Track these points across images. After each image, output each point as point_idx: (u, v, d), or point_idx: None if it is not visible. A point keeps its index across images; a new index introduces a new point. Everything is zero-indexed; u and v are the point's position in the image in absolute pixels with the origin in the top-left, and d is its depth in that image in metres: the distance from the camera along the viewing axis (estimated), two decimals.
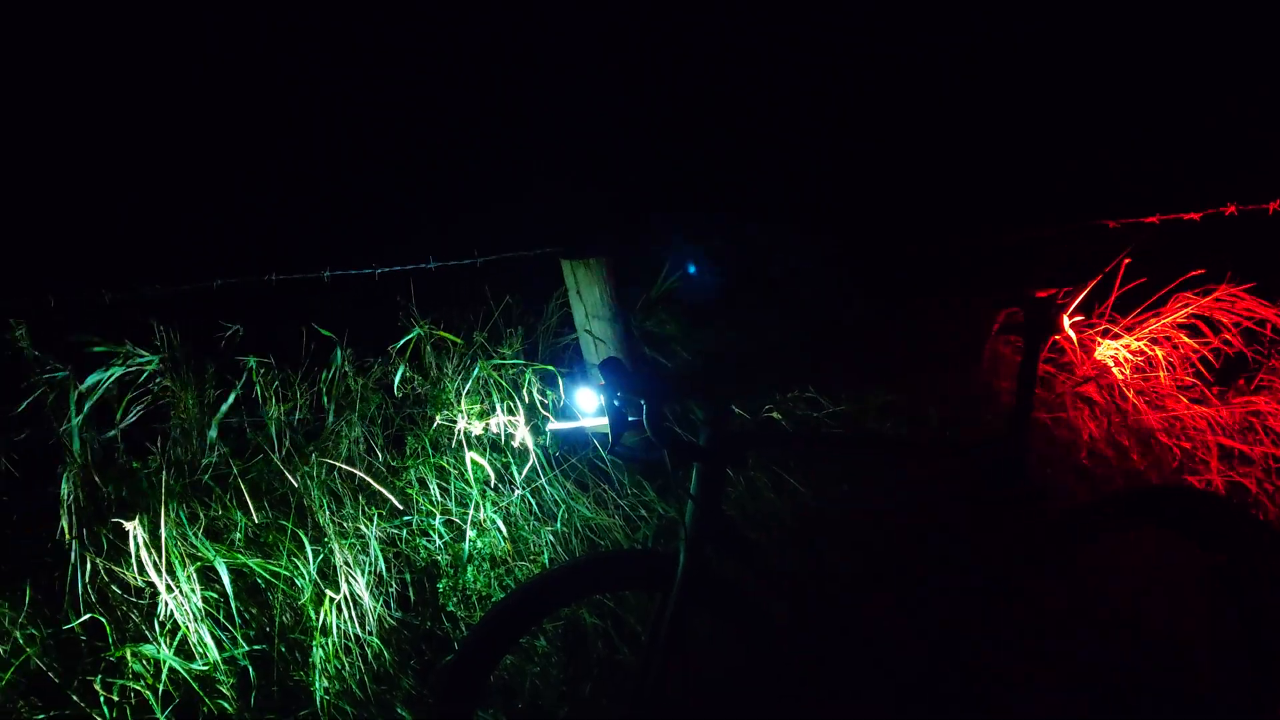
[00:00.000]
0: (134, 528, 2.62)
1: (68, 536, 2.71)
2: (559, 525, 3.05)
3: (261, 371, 3.02)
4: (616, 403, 2.28)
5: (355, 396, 3.08)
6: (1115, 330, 3.61)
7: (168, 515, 2.70)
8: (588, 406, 2.85)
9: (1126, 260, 3.46)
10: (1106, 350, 3.55)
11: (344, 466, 2.95)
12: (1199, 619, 2.82)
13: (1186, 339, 3.55)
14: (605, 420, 2.44)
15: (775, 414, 3.22)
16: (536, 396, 3.09)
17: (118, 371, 2.86)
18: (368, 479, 2.94)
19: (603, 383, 2.32)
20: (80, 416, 2.80)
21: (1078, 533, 2.62)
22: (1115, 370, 3.53)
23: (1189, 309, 3.53)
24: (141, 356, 2.90)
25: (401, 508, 2.97)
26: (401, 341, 3.10)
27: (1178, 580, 2.95)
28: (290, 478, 2.90)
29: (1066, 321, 3.38)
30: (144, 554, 2.63)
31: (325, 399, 3.08)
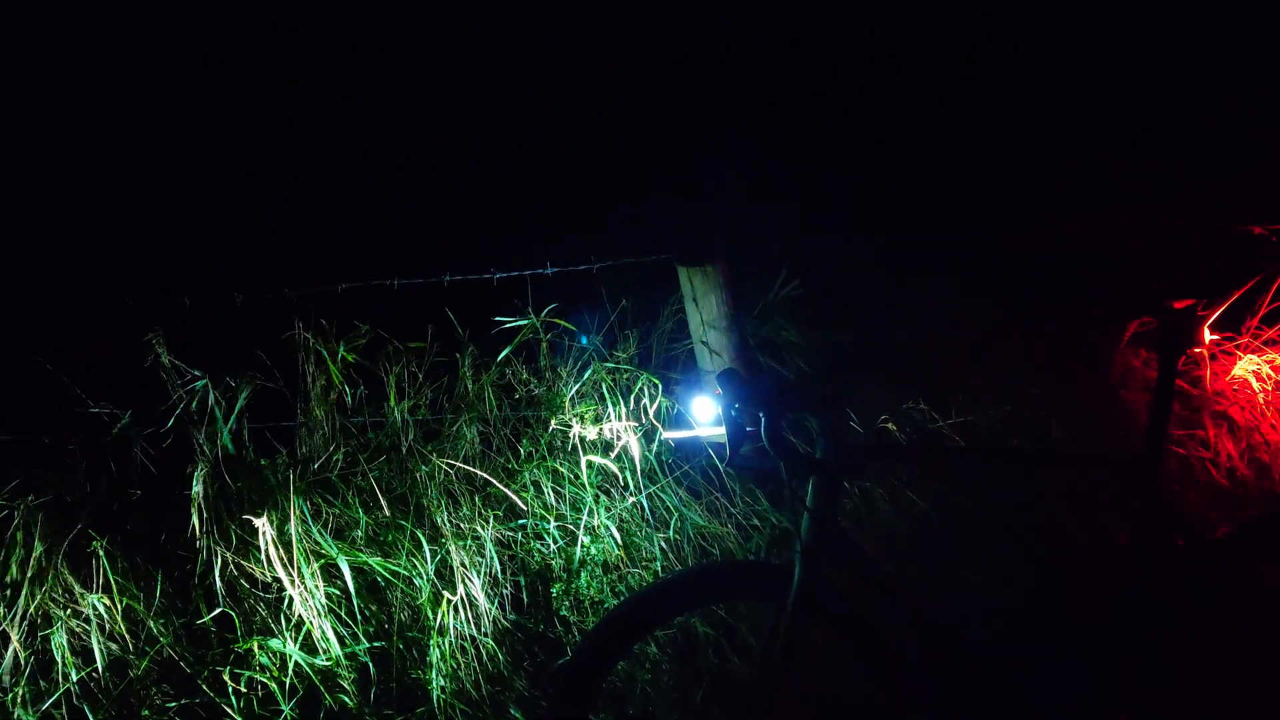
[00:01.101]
0: (262, 524, 2.70)
1: (198, 532, 2.82)
2: (671, 533, 3.04)
3: (387, 368, 3.09)
4: (734, 414, 2.27)
5: (473, 397, 3.13)
6: (1257, 345, 3.43)
7: (294, 512, 2.78)
8: (703, 415, 2.83)
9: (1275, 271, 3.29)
10: (1248, 365, 3.38)
11: (462, 466, 3.00)
12: None
13: None
14: (721, 430, 2.42)
15: (891, 425, 3.15)
16: (649, 402, 3.09)
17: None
18: (488, 477, 2.98)
19: (720, 393, 2.31)
20: (227, 426, 2.90)
21: (1221, 562, 2.50)
22: (1256, 386, 3.35)
23: None
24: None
25: (517, 510, 3.00)
26: (515, 323, 3.11)
27: None
28: (412, 477, 2.97)
29: (1207, 334, 3.23)
30: (272, 550, 2.72)
31: (445, 399, 3.15)
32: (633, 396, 3.06)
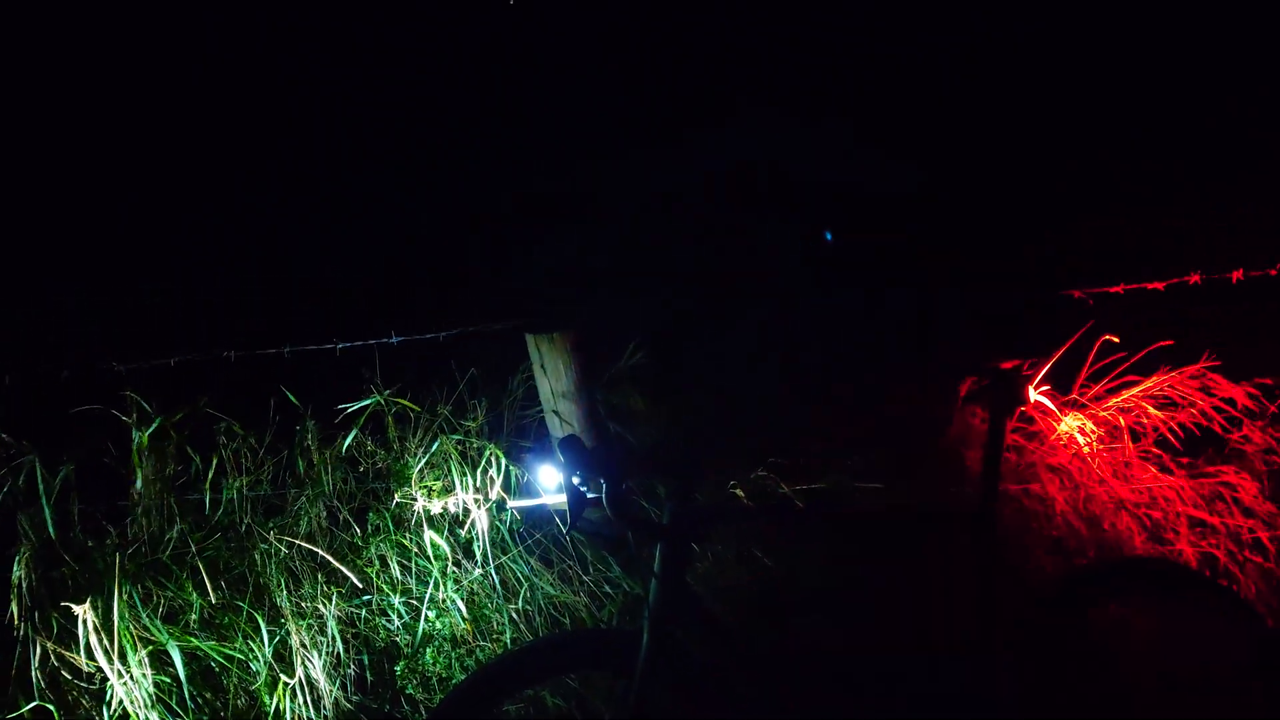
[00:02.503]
0: (84, 611, 2.56)
1: (17, 620, 2.65)
2: (522, 603, 3.00)
3: (224, 442, 2.99)
4: (575, 481, 2.27)
5: (318, 470, 3.05)
6: (1083, 400, 3.61)
7: (121, 597, 2.64)
8: (550, 483, 2.82)
9: (1092, 332, 3.48)
10: (1075, 421, 3.55)
11: (303, 544, 2.90)
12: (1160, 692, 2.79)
13: (1154, 410, 3.55)
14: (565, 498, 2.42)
15: (739, 490, 3.19)
16: (498, 473, 3.06)
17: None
18: (328, 557, 2.89)
19: (562, 461, 2.31)
20: (48, 505, 2.75)
21: (1056, 611, 2.60)
22: (1083, 441, 3.53)
23: (1158, 384, 3.54)
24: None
25: (361, 586, 2.92)
26: (359, 405, 3.05)
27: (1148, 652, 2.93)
28: (251, 556, 2.86)
29: (1033, 392, 3.39)
30: (94, 638, 2.57)
31: (287, 474, 3.05)
32: (480, 468, 3.03)
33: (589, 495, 2.27)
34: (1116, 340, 3.53)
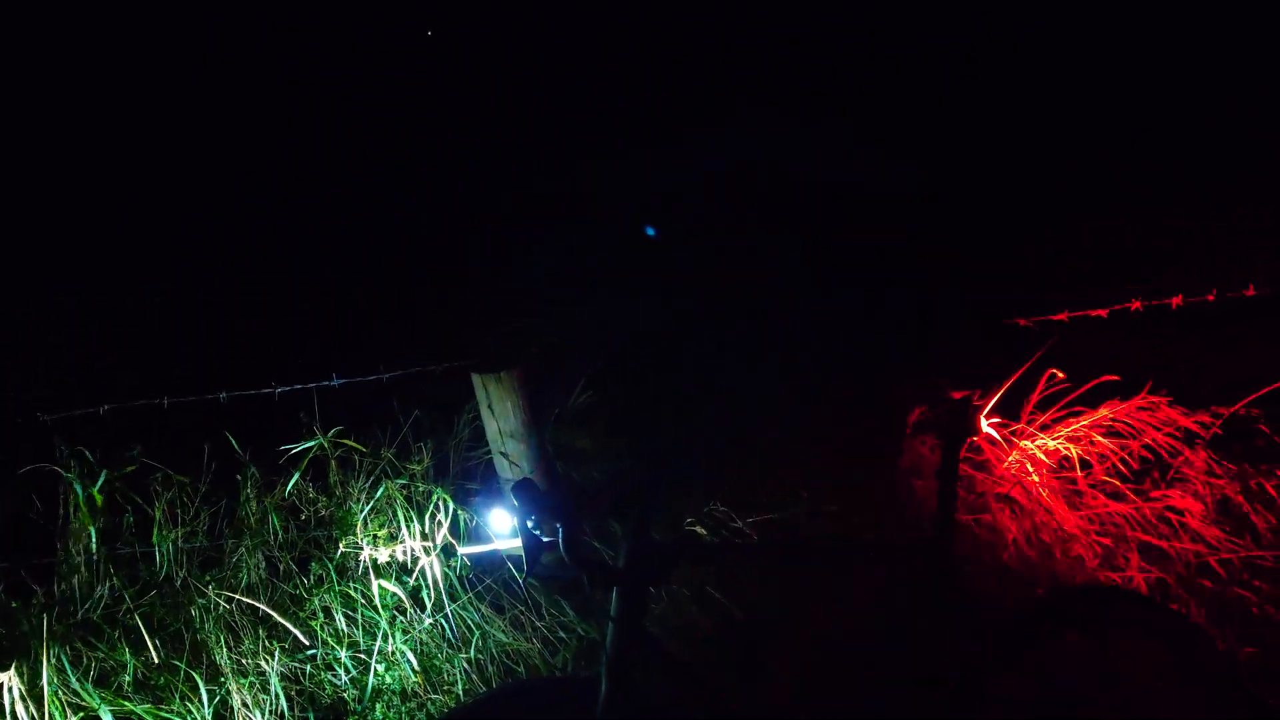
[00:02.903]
0: (8, 678, 2.41)
1: None
2: (474, 652, 2.90)
3: (159, 492, 2.86)
4: (531, 526, 2.21)
5: (255, 521, 2.93)
6: (1032, 430, 3.63)
7: (49, 660, 2.50)
8: (502, 527, 2.74)
9: (1040, 361, 3.50)
10: (1026, 450, 3.56)
11: (243, 598, 2.78)
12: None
13: (1102, 438, 3.57)
14: (520, 543, 2.35)
15: (698, 527, 3.14)
16: (445, 517, 2.97)
17: None
18: (269, 610, 2.77)
19: (516, 505, 2.25)
20: None
21: (1010, 642, 2.59)
22: (1033, 470, 3.54)
23: (1107, 413, 3.57)
24: None
25: (306, 640, 2.80)
26: (301, 447, 2.95)
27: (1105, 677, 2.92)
28: (188, 612, 2.73)
29: (984, 422, 3.39)
30: (20, 706, 2.42)
31: (225, 524, 2.94)
32: (429, 513, 2.94)
33: (545, 539, 2.22)
34: (1061, 376, 3.55)
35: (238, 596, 2.78)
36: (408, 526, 2.88)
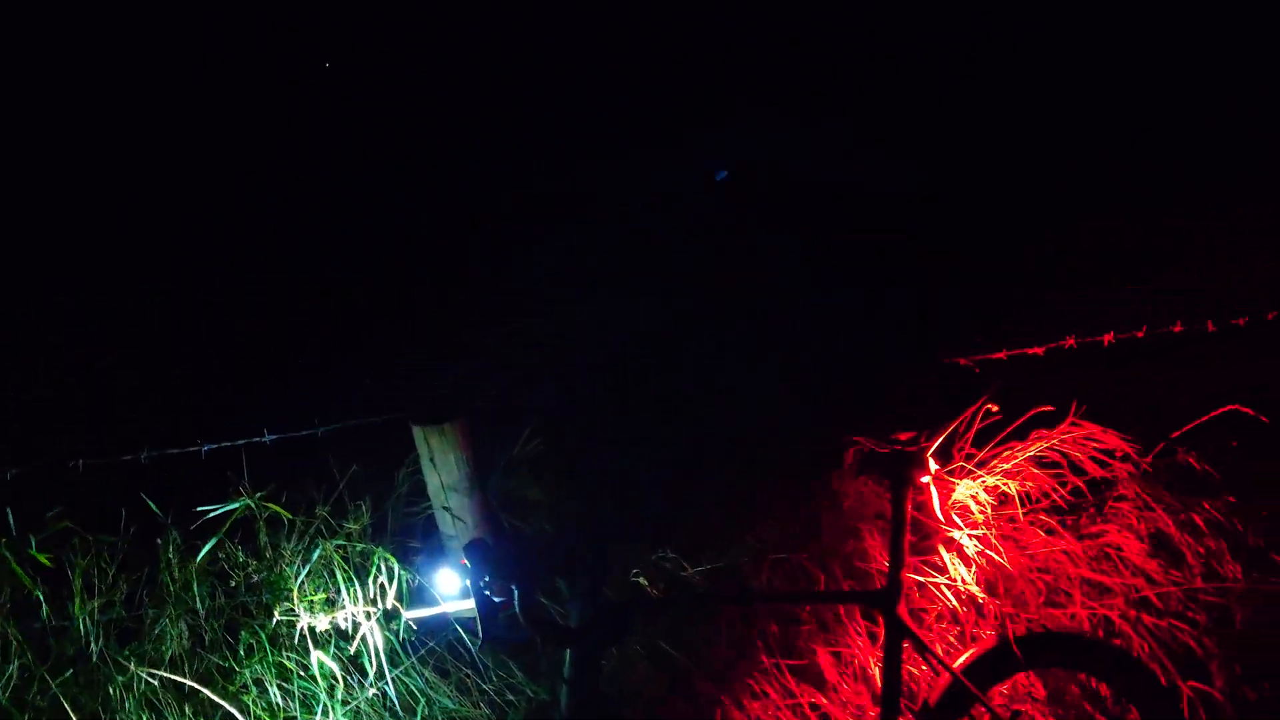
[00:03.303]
0: None
1: None
2: None
3: (73, 560, 2.66)
4: (484, 588, 2.11)
5: (179, 589, 2.74)
6: (969, 467, 3.63)
7: None
8: (448, 588, 2.61)
9: (988, 405, 3.51)
10: (965, 490, 3.56)
11: (166, 674, 2.59)
12: None
13: (1038, 471, 3.59)
14: (469, 603, 2.26)
15: (643, 580, 3.05)
16: (388, 579, 2.82)
17: None
18: (195, 685, 2.59)
19: (468, 565, 2.15)
20: None
21: (964, 683, 2.57)
22: (975, 509, 3.53)
23: (1041, 444, 3.59)
24: None
25: (238, 716, 2.62)
26: (225, 508, 2.77)
27: None
28: (105, 690, 2.53)
29: (932, 464, 3.38)
30: None
31: (144, 592, 2.74)
32: (371, 575, 2.78)
33: (498, 600, 2.13)
34: (995, 409, 3.57)
35: (161, 672, 2.59)
36: (348, 590, 2.72)
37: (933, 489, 3.60)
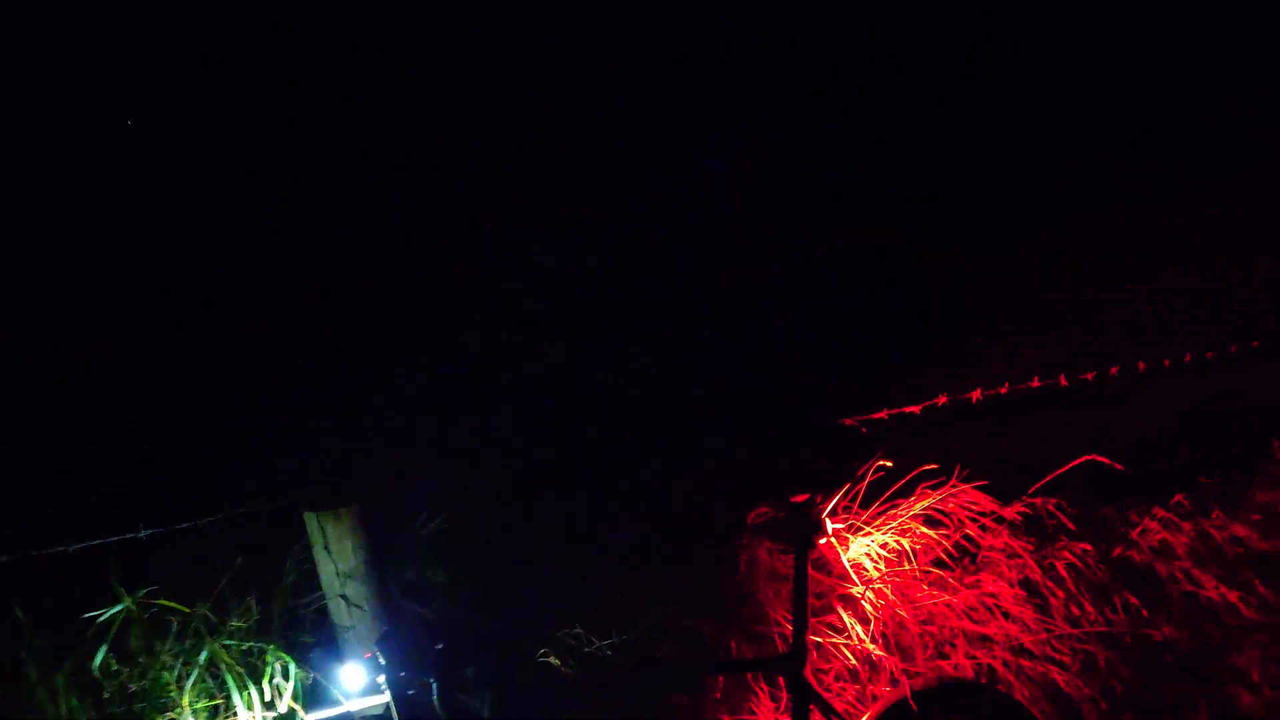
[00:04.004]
0: None
1: None
2: None
3: None
4: (399, 684, 2.01)
5: (43, 702, 2.47)
6: (860, 525, 3.70)
7: None
8: (352, 685, 2.44)
9: (876, 463, 3.59)
10: (858, 548, 3.62)
11: None
12: None
13: (925, 530, 3.69)
14: (377, 700, 2.14)
15: (552, 658, 2.95)
16: (285, 679, 2.62)
17: None
18: None
19: (379, 659, 2.04)
20: None
21: None
22: (869, 565, 3.60)
23: (926, 502, 3.70)
24: None
25: None
26: (101, 615, 2.53)
27: None
28: None
29: (829, 525, 3.42)
30: None
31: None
32: (266, 675, 2.58)
33: (410, 693, 2.03)
34: (890, 464, 3.65)
35: None
36: (240, 694, 2.51)
37: (836, 545, 3.66)
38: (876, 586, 3.52)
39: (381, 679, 2.10)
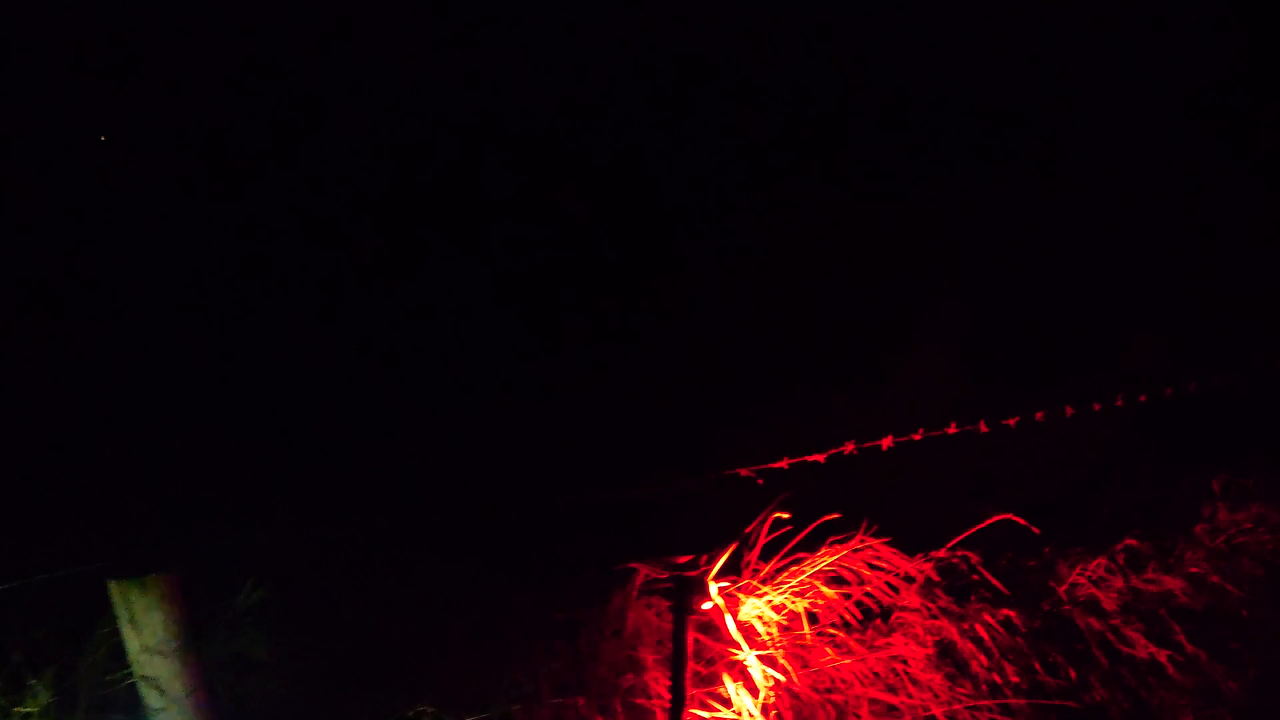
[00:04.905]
0: None
1: None
2: None
3: None
4: None
5: None
6: (754, 584, 3.46)
7: None
8: None
9: (774, 516, 3.37)
10: (751, 609, 3.37)
11: None
12: None
13: (827, 590, 3.46)
14: None
15: None
16: None
17: None
18: None
19: None
20: None
21: None
22: (762, 629, 3.35)
23: (829, 560, 3.47)
24: None
25: None
26: None
27: None
28: None
29: (714, 587, 3.16)
30: None
31: None
32: None
33: None
34: (788, 516, 3.43)
35: None
36: None
37: (723, 609, 3.41)
38: (768, 653, 3.28)
39: None
